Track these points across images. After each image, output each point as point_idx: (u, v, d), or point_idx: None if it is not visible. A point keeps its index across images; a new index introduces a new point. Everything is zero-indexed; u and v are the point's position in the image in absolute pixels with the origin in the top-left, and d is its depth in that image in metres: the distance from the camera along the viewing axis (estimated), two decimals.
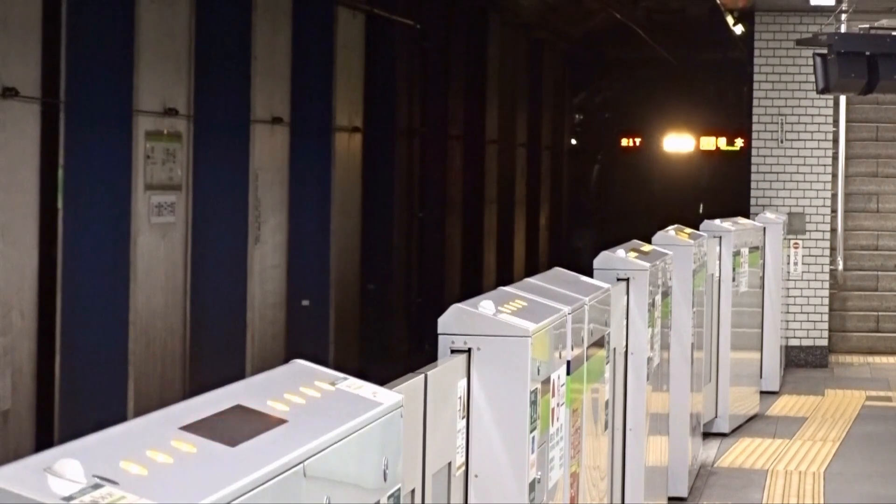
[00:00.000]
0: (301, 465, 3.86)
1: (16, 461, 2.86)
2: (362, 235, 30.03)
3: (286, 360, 5.05)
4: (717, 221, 22.61)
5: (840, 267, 29.64)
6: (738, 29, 34.85)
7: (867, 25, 25.79)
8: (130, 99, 18.13)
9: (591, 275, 11.84)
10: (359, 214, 29.74)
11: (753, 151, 29.86)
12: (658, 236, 17.25)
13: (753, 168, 29.86)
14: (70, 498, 2.58)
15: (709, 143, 52.02)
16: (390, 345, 30.86)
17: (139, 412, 11.87)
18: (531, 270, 33.29)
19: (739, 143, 49.51)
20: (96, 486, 2.71)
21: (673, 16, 48.53)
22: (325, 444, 4.16)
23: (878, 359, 29.43)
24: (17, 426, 17.35)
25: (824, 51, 24.69)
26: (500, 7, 40.97)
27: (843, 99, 29.51)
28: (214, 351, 21.79)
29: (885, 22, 25.66)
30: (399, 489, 5.20)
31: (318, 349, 26.02)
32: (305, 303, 25.55)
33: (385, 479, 4.93)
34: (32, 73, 18.31)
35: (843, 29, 27.68)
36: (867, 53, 23.99)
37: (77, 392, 17.27)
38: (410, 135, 33.58)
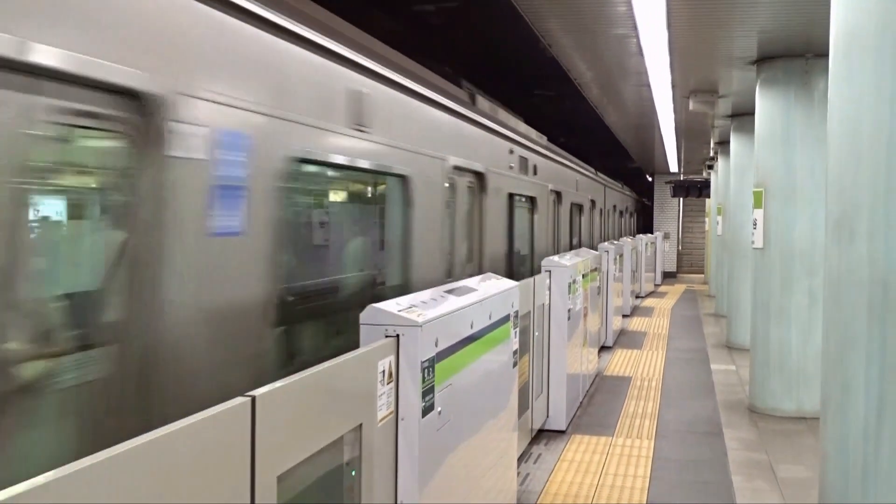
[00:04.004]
0: (482, 302, 4.69)
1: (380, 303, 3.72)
2: None
3: None
4: (640, 235, 23.04)
5: (679, 248, 32.74)
6: (649, 178, 33.80)
7: (685, 177, 29.39)
8: None
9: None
10: None
11: (655, 214, 32.41)
12: (621, 240, 18.32)
13: (655, 220, 32.35)
14: (400, 312, 3.60)
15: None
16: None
17: None
18: None
19: None
20: (411, 307, 3.71)
21: None
22: (492, 295, 4.96)
23: (690, 275, 31.63)
24: None
25: (673, 184, 28.04)
26: None
27: (681, 200, 31.75)
28: None
29: (691, 176, 29.01)
30: (518, 311, 5.69)
31: None
32: None
33: (512, 307, 5.53)
34: None
35: (681, 177, 29.73)
36: (685, 185, 27.22)
37: None
38: None
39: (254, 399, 2.40)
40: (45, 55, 2.63)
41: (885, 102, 4.18)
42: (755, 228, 9.58)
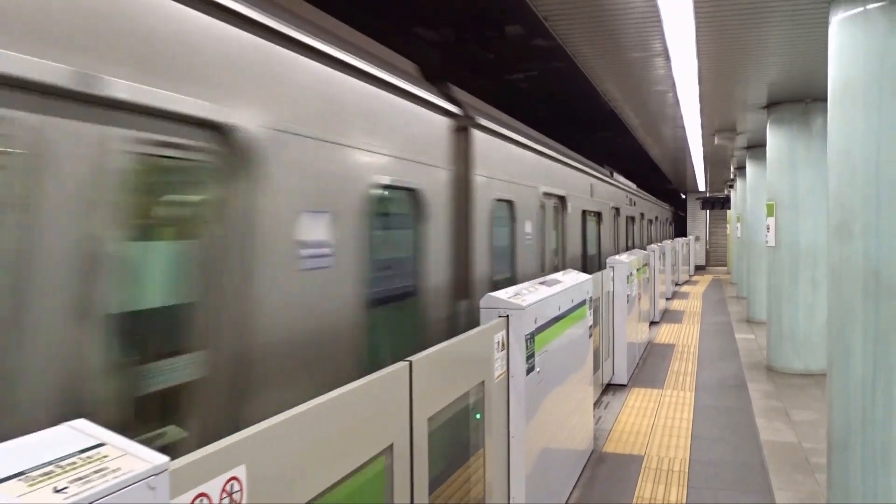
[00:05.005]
0: (566, 290, 4.49)
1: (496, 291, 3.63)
2: None
3: None
4: (678, 238, 22.19)
5: (707, 247, 30.81)
6: (683, 195, 32.24)
7: (711, 194, 28.00)
8: None
9: None
10: None
11: (688, 222, 30.48)
12: (663, 242, 16.36)
13: (688, 227, 30.47)
14: (509, 299, 3.51)
15: None
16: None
17: None
18: None
19: None
20: (516, 295, 3.61)
21: None
22: (573, 285, 4.78)
23: (716, 268, 29.71)
24: None
25: (701, 200, 26.87)
26: None
27: (708, 212, 30.30)
28: None
29: (716, 193, 27.64)
30: (591, 296, 5.33)
31: None
32: None
33: (587, 293, 5.22)
34: None
35: (707, 194, 28.43)
36: (711, 200, 25.89)
37: None
38: None
39: (411, 363, 2.39)
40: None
41: (873, 135, 4.08)
42: (768, 232, 9.24)
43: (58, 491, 1.12)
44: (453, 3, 9.17)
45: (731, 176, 20.67)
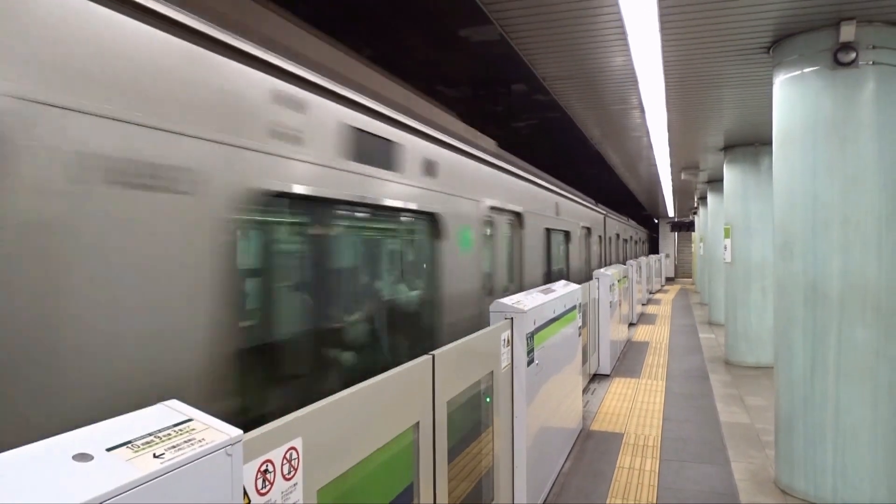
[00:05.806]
0: (559, 297, 4.35)
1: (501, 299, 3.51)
2: None
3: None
4: (651, 255, 20.95)
5: (675, 263, 29.85)
6: (655, 220, 30.86)
7: (679, 219, 26.65)
8: None
9: None
10: None
11: (660, 242, 29.52)
12: (639, 258, 15.70)
13: (660, 246, 29.65)
14: (513, 304, 3.29)
15: None
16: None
17: None
18: None
19: None
20: (519, 301, 3.40)
21: None
22: (565, 294, 4.62)
23: (683, 279, 28.91)
24: None
25: (670, 223, 26.42)
26: None
27: (676, 233, 29.45)
28: None
29: (682, 218, 26.26)
30: (580, 302, 5.15)
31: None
32: None
33: (578, 299, 5.04)
34: None
35: (675, 219, 27.09)
36: (679, 224, 25.48)
37: None
38: None
39: (434, 356, 2.34)
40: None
41: (809, 173, 4.06)
42: (726, 250, 9.13)
43: (156, 456, 1.17)
44: (471, 68, 9.24)
45: (695, 204, 20.38)
